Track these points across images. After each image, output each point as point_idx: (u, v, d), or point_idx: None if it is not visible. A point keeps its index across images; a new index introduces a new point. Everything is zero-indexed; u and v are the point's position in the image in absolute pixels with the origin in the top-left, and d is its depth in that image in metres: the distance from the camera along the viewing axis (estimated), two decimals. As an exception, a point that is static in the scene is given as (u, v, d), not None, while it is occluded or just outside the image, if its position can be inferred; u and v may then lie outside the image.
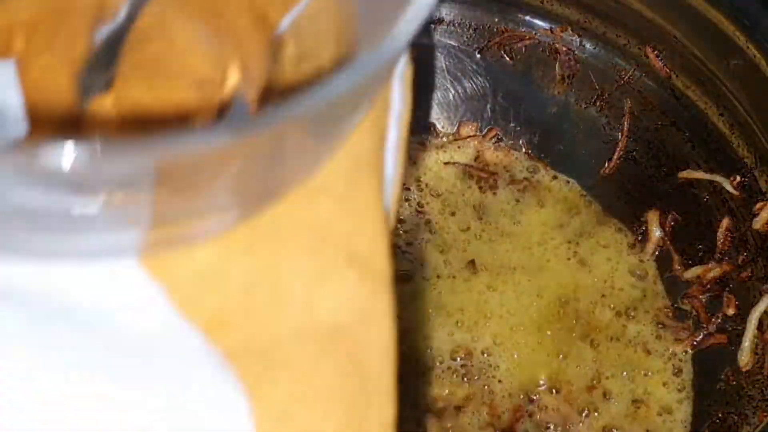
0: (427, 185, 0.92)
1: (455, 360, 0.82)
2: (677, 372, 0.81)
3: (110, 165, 0.33)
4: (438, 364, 0.82)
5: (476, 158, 0.93)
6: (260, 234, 0.42)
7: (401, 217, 0.90)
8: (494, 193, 0.91)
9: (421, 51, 0.93)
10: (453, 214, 0.91)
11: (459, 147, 0.94)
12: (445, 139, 0.94)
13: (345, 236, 0.43)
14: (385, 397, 0.42)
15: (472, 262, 0.87)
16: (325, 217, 0.43)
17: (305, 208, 0.43)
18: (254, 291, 0.41)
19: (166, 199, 0.38)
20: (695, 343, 0.82)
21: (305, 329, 0.41)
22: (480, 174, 0.92)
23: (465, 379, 0.81)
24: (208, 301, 0.40)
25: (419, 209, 0.91)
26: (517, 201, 0.91)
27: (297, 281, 0.41)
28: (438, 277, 0.87)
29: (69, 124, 0.41)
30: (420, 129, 0.94)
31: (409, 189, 0.92)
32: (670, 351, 0.82)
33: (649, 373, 0.82)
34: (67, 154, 0.33)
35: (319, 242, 0.42)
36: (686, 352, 0.82)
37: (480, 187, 0.92)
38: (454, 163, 0.93)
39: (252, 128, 0.36)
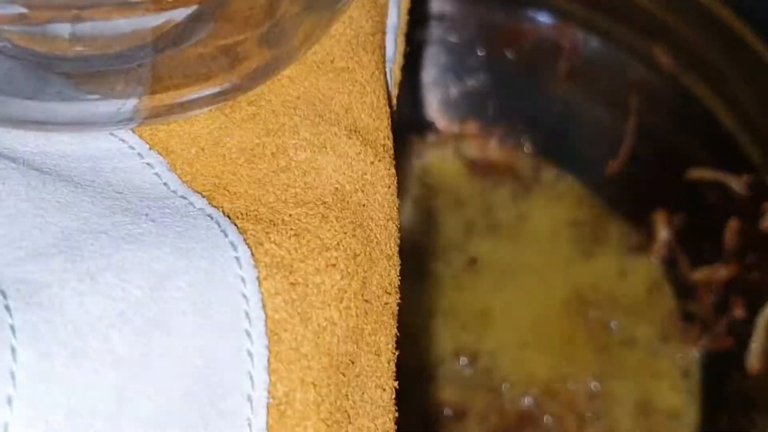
0: (429, 184, 0.92)
1: (459, 362, 0.82)
2: (684, 375, 0.81)
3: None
4: (441, 366, 0.82)
5: (479, 157, 0.93)
6: (262, 105, 0.43)
7: (403, 217, 0.90)
8: (497, 192, 0.92)
9: (423, 47, 0.94)
10: (455, 213, 0.91)
11: (461, 145, 0.94)
12: (447, 137, 0.94)
13: (346, 109, 0.45)
14: (389, 262, 0.43)
15: (476, 261, 0.87)
16: (326, 90, 0.45)
17: (306, 80, 0.44)
18: (256, 158, 0.42)
19: (160, 62, 0.39)
20: (702, 345, 0.82)
21: (308, 194, 0.42)
22: (483, 173, 0.93)
23: (469, 381, 0.81)
24: (209, 168, 0.42)
25: (421, 208, 0.91)
26: (521, 200, 0.91)
27: (299, 149, 0.43)
28: (441, 277, 0.86)
29: None
30: (422, 127, 0.94)
31: (411, 188, 0.92)
32: (678, 354, 0.82)
33: (656, 376, 0.82)
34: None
35: (320, 113, 0.44)
36: (693, 354, 0.82)
37: (483, 186, 0.92)
38: (456, 162, 0.93)
39: None
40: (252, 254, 0.39)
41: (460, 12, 0.92)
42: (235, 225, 0.40)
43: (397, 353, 0.43)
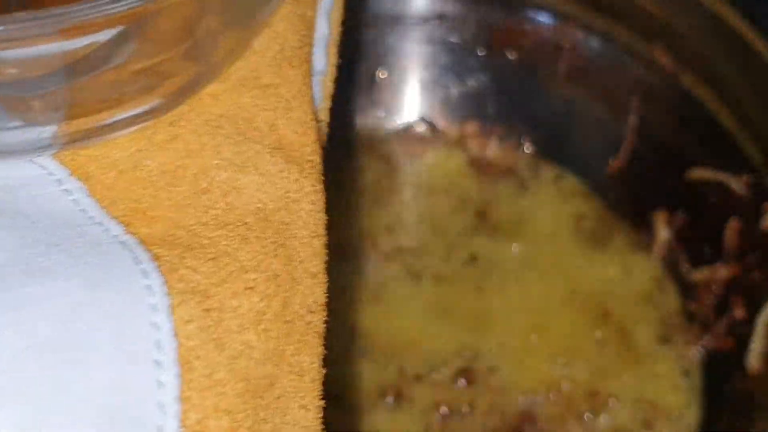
0: (429, 184, 0.92)
1: (459, 361, 0.82)
2: (685, 374, 0.81)
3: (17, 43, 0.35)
4: (441, 365, 0.82)
5: (479, 157, 0.93)
6: (183, 125, 0.43)
7: (403, 217, 0.91)
8: (498, 192, 0.92)
9: (423, 48, 0.94)
10: (456, 213, 0.91)
11: (462, 145, 0.94)
12: (448, 136, 0.94)
13: (270, 126, 0.44)
14: (313, 280, 0.43)
15: (476, 261, 0.87)
16: (251, 107, 0.44)
17: (230, 98, 0.44)
18: (176, 181, 0.42)
19: (79, 86, 0.38)
20: (702, 346, 0.82)
21: (228, 216, 0.42)
22: (483, 173, 0.93)
23: (468, 381, 0.81)
24: (129, 192, 0.41)
25: (421, 208, 0.91)
26: (521, 200, 0.91)
27: (220, 170, 0.42)
28: (441, 276, 0.86)
29: None
30: (422, 127, 0.94)
31: (411, 188, 0.92)
32: (678, 353, 0.82)
33: (657, 376, 0.81)
34: None
35: (243, 131, 0.43)
36: (694, 354, 0.82)
37: (483, 186, 0.92)
38: (457, 162, 0.93)
39: None
40: (165, 281, 0.39)
41: (460, 12, 0.92)
42: (150, 251, 0.40)
43: (323, 371, 0.42)
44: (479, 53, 0.92)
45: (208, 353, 0.39)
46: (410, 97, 0.95)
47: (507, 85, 0.93)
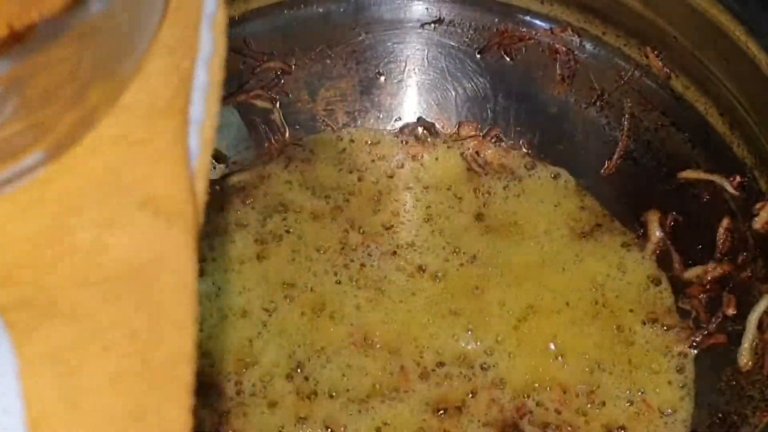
0: (428, 185, 0.92)
1: (457, 358, 0.82)
2: (678, 371, 0.81)
3: None
4: (440, 362, 0.82)
5: (477, 158, 0.93)
6: (48, 186, 0.42)
7: (403, 217, 0.91)
8: (495, 193, 0.92)
9: (421, 52, 0.94)
10: (454, 212, 0.91)
11: (459, 147, 0.94)
12: (445, 139, 0.94)
13: (140, 180, 0.43)
14: (180, 332, 0.42)
15: (474, 259, 0.88)
16: (120, 164, 0.44)
17: (98, 155, 0.43)
18: (41, 243, 0.42)
19: None
20: (695, 343, 0.82)
21: (93, 275, 0.42)
22: (481, 174, 0.92)
23: (466, 377, 0.81)
24: None
25: (420, 208, 0.91)
26: (518, 201, 0.91)
27: (86, 229, 0.42)
28: (440, 274, 0.87)
29: None
30: (421, 128, 0.95)
31: (411, 188, 0.92)
32: (671, 351, 0.82)
33: (651, 373, 0.82)
34: None
35: (112, 188, 0.43)
36: (687, 351, 0.82)
37: (481, 187, 0.92)
38: (455, 163, 0.93)
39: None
40: (16, 346, 0.39)
41: (457, 16, 0.93)
42: (5, 318, 0.39)
43: (193, 422, 0.41)
44: (476, 57, 0.93)
45: (61, 417, 0.39)
46: (409, 99, 0.95)
47: (503, 88, 0.93)
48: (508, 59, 0.92)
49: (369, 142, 0.94)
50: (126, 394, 0.40)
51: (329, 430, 0.79)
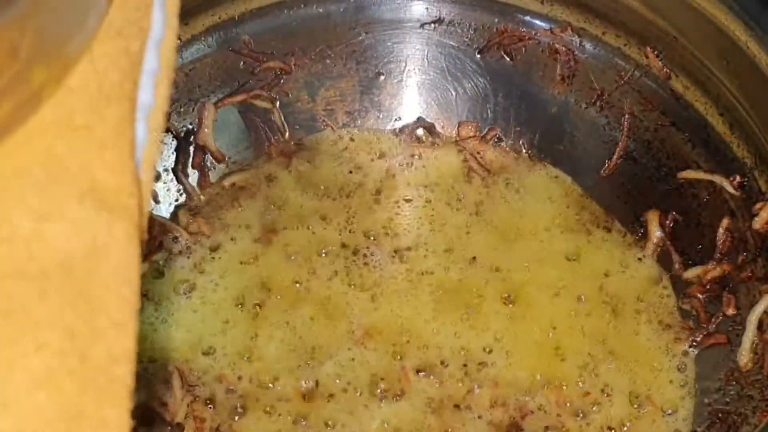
0: (428, 185, 0.92)
1: (458, 357, 0.82)
2: (678, 370, 0.82)
3: None
4: (439, 361, 0.82)
5: (476, 158, 0.93)
6: None
7: (403, 217, 0.91)
8: (495, 193, 0.92)
9: (421, 52, 0.94)
10: (454, 213, 0.91)
11: (459, 147, 0.94)
12: (445, 139, 0.95)
13: (81, 169, 0.42)
14: (118, 330, 0.40)
15: (474, 260, 0.88)
16: (62, 150, 0.42)
17: (38, 141, 0.42)
18: None
19: None
20: (695, 343, 0.82)
21: (29, 268, 0.40)
22: (481, 174, 0.92)
23: (467, 376, 0.82)
24: None
25: (421, 208, 0.91)
26: (518, 201, 0.91)
27: (23, 219, 0.40)
28: (439, 274, 0.87)
29: None
30: (420, 128, 0.95)
31: (411, 188, 0.92)
32: (671, 350, 0.82)
33: (651, 372, 0.82)
34: None
35: (51, 177, 0.41)
36: (687, 351, 0.82)
37: (481, 187, 0.92)
38: (455, 163, 0.94)
39: None
40: None
41: (457, 16, 0.93)
42: None
43: (131, 423, 0.40)
44: (476, 57, 0.93)
45: None
46: (409, 99, 0.95)
47: (503, 88, 0.93)
48: (508, 59, 0.92)
49: (369, 142, 0.94)
50: (60, 395, 0.39)
51: (330, 428, 0.79)
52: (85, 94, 0.43)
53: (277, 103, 0.93)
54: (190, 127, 0.90)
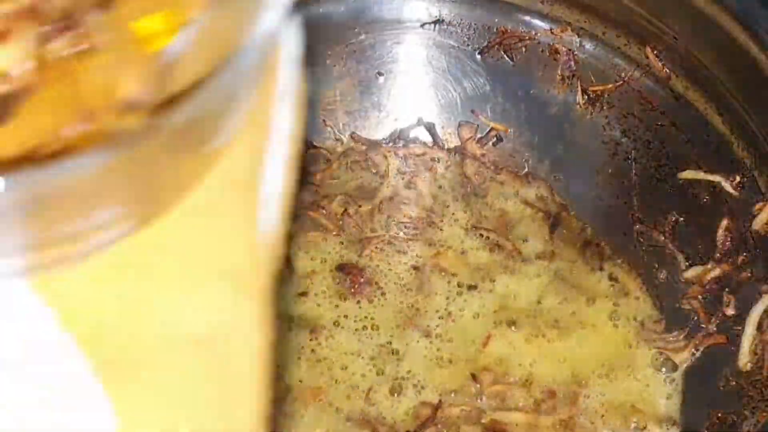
0: (428, 185, 0.93)
1: (442, 358, 0.83)
2: (677, 371, 0.82)
3: None
4: (434, 358, 0.83)
5: (476, 159, 0.93)
6: (136, 253, 0.44)
7: (403, 217, 0.91)
8: (495, 193, 0.92)
9: (421, 52, 0.94)
10: (454, 213, 0.91)
11: (459, 146, 0.94)
12: (445, 139, 0.95)
13: (218, 253, 0.45)
14: (252, 401, 0.44)
15: (474, 260, 0.88)
16: (199, 234, 0.45)
17: (180, 226, 0.45)
18: (128, 306, 0.44)
19: (43, 225, 0.40)
20: (695, 342, 0.82)
21: (174, 340, 0.44)
22: (480, 173, 0.93)
23: (450, 381, 0.81)
24: (86, 317, 0.43)
25: (421, 209, 0.91)
26: (517, 200, 0.92)
27: (168, 296, 0.44)
28: (439, 274, 0.87)
29: None
30: (421, 129, 0.95)
31: (413, 188, 0.93)
32: (671, 350, 0.82)
33: (650, 372, 0.82)
34: None
35: (192, 258, 0.45)
36: (687, 351, 0.82)
37: (480, 186, 0.92)
38: (454, 163, 0.94)
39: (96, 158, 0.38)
40: (115, 406, 0.42)
41: (458, 16, 0.93)
42: (104, 376, 0.42)
43: None
44: (476, 57, 0.93)
45: None
46: (409, 99, 0.95)
47: (504, 88, 0.93)
48: (508, 59, 0.92)
49: (368, 143, 0.94)
50: None
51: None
52: (219, 183, 0.46)
53: (277, 103, 0.93)
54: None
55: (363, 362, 0.82)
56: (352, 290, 0.86)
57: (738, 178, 0.81)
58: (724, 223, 0.82)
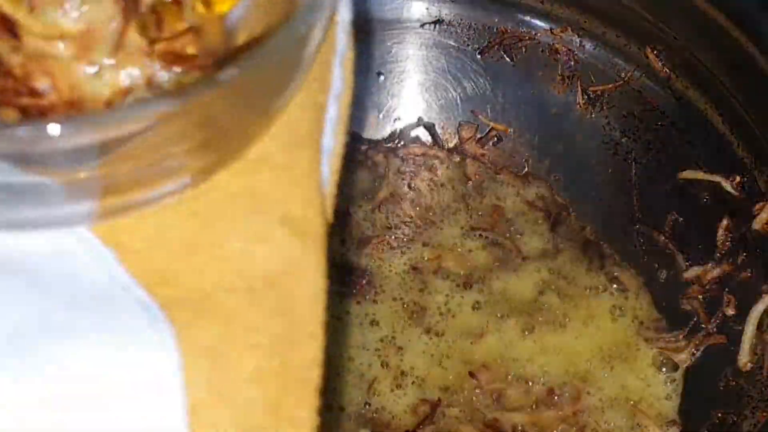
0: (428, 185, 0.93)
1: (442, 356, 0.83)
2: (677, 370, 0.82)
3: (61, 142, 0.40)
4: (434, 355, 0.83)
5: (476, 159, 0.93)
6: (203, 200, 0.48)
7: (403, 217, 0.91)
8: (495, 193, 0.92)
9: (421, 52, 0.94)
10: (455, 213, 0.91)
11: (459, 147, 0.94)
12: (445, 139, 0.95)
13: (280, 201, 0.49)
14: (311, 339, 0.46)
15: (473, 257, 0.88)
16: (263, 184, 0.49)
17: (245, 176, 0.48)
18: (195, 250, 0.47)
19: (112, 170, 0.43)
20: (695, 342, 0.82)
21: (239, 281, 0.46)
22: (480, 174, 0.93)
23: (450, 378, 0.81)
24: (152, 260, 0.46)
25: (421, 209, 0.91)
26: (517, 200, 0.92)
27: (234, 240, 0.47)
28: (439, 274, 0.87)
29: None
30: (420, 129, 0.95)
31: (412, 188, 0.93)
32: (671, 349, 0.82)
33: (650, 372, 0.82)
34: (22, 134, 0.39)
35: (256, 206, 0.48)
36: (687, 351, 0.82)
37: (480, 186, 0.92)
38: (454, 163, 0.94)
39: (179, 99, 0.42)
40: (178, 340, 0.44)
41: (457, 16, 0.93)
42: (167, 313, 0.45)
43: (318, 422, 0.46)
44: (476, 56, 0.93)
45: (214, 405, 0.44)
46: (409, 99, 0.95)
47: (503, 88, 0.93)
48: (508, 59, 0.92)
49: (368, 143, 0.94)
50: (267, 391, 0.45)
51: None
52: (280, 138, 0.50)
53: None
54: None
55: (368, 354, 0.82)
56: (354, 290, 0.86)
57: (738, 178, 0.81)
58: (724, 223, 0.82)
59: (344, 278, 0.86)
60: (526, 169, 0.93)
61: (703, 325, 0.82)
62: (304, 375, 0.46)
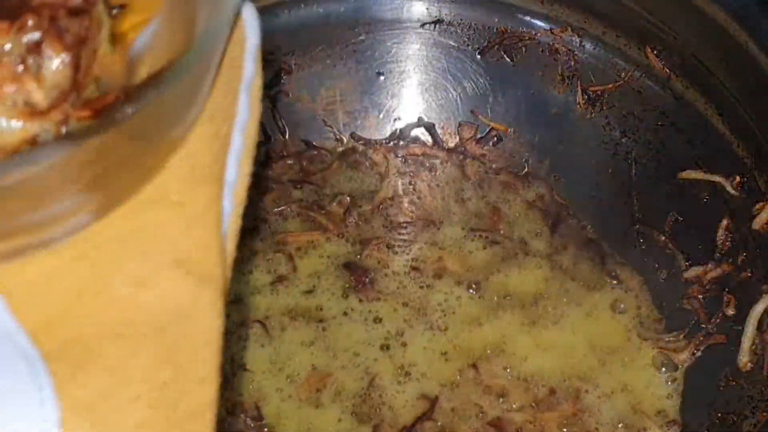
0: (428, 185, 0.93)
1: (443, 355, 0.83)
2: (677, 371, 0.82)
3: None
4: (435, 352, 0.83)
5: (476, 159, 0.93)
6: (92, 242, 0.46)
7: (403, 217, 0.91)
8: (494, 192, 0.92)
9: (421, 52, 0.94)
10: (453, 212, 0.91)
11: (459, 146, 0.94)
12: (445, 139, 0.95)
13: (174, 241, 0.46)
14: (202, 385, 0.45)
15: (473, 257, 0.88)
16: (157, 223, 0.47)
17: (138, 215, 0.46)
18: (81, 295, 0.45)
19: (1, 216, 0.42)
20: (695, 342, 0.82)
21: (124, 328, 0.45)
22: (480, 173, 0.93)
23: (451, 374, 0.81)
24: (40, 306, 0.45)
25: (421, 209, 0.91)
26: (517, 200, 0.92)
27: (121, 285, 0.45)
28: (438, 274, 0.87)
29: None
30: (420, 129, 0.95)
31: (412, 188, 0.93)
32: (671, 350, 0.82)
33: (650, 372, 0.82)
34: None
35: (148, 247, 0.46)
36: (687, 351, 0.82)
37: (480, 186, 0.92)
38: (454, 163, 0.94)
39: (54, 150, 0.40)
40: (59, 395, 0.43)
41: (457, 16, 0.93)
42: (50, 365, 0.43)
43: None
44: (476, 57, 0.93)
45: None
46: (409, 99, 0.95)
47: (503, 88, 0.93)
48: (508, 59, 0.92)
49: (368, 143, 0.94)
50: None
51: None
52: (179, 173, 0.47)
53: (277, 103, 0.93)
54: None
55: (373, 349, 0.82)
56: (356, 289, 0.86)
57: (738, 178, 0.81)
58: (724, 223, 0.82)
59: (348, 278, 0.86)
60: (526, 169, 0.93)
61: (703, 325, 0.82)
62: (195, 423, 0.44)
